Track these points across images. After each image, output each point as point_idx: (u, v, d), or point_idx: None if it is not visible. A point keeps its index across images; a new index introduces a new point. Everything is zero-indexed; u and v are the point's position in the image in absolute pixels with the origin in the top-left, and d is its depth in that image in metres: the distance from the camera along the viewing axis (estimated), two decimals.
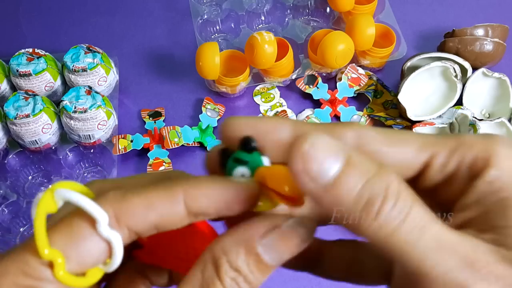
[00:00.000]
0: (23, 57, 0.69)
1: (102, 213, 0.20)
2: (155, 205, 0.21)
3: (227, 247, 0.21)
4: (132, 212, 0.20)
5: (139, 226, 0.21)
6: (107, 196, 0.21)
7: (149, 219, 0.21)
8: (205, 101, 0.73)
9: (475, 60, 0.71)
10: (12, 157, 0.68)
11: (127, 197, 0.21)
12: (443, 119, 0.69)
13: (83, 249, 0.20)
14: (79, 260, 0.20)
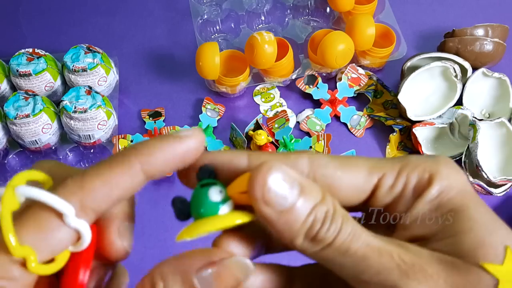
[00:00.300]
0: (23, 57, 0.69)
1: (68, 207, 0.20)
2: (116, 182, 0.21)
3: (165, 274, 0.21)
4: (95, 196, 0.21)
5: (104, 206, 0.21)
6: (66, 184, 0.21)
7: (113, 197, 0.21)
8: (205, 101, 0.73)
9: (475, 60, 0.71)
10: (12, 157, 0.68)
11: (87, 181, 0.21)
12: (443, 119, 0.69)
13: (52, 240, 0.20)
14: (49, 251, 0.20)
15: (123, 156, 0.22)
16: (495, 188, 0.63)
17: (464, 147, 0.66)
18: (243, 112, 0.74)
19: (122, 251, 0.23)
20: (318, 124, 0.71)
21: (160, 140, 0.22)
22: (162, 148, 0.22)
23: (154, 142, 0.22)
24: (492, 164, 0.66)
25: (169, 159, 0.22)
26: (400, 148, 0.70)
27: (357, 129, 0.71)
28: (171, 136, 0.22)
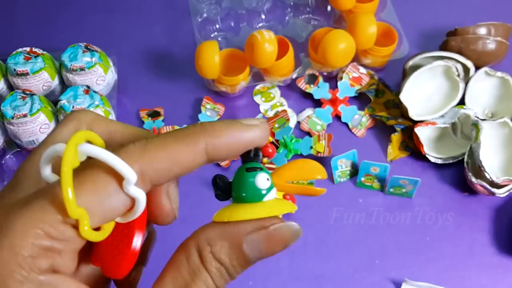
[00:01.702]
0: (20, 56, 0.68)
1: (133, 173, 0.19)
2: (178, 158, 0.21)
3: (212, 239, 0.21)
4: (156, 168, 0.20)
5: (161, 180, 0.21)
6: (128, 149, 0.20)
7: (172, 172, 0.21)
8: (204, 100, 0.72)
9: (477, 59, 0.70)
10: (10, 157, 0.67)
11: (149, 151, 0.20)
12: (445, 118, 0.68)
13: (107, 205, 0.20)
14: (101, 217, 0.20)
15: (191, 132, 0.21)
16: (498, 188, 0.63)
17: (467, 147, 0.65)
18: (243, 111, 0.73)
19: (171, 215, 0.23)
20: (319, 124, 0.71)
21: (229, 124, 0.22)
22: (231, 133, 0.22)
23: (223, 124, 0.22)
24: (495, 164, 0.66)
25: (234, 144, 0.22)
26: (402, 148, 0.69)
27: (358, 129, 0.71)
28: (240, 122, 0.22)
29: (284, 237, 0.22)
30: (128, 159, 0.20)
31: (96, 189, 0.19)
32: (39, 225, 0.18)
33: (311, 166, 0.24)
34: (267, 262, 0.62)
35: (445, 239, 0.63)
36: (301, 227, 0.25)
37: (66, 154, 0.19)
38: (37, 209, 0.19)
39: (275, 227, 0.22)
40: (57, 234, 0.19)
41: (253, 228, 0.22)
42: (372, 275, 0.61)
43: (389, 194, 0.66)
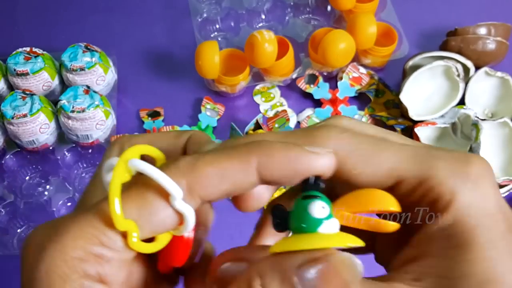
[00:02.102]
0: (20, 56, 0.68)
1: (178, 189, 0.19)
2: (228, 175, 0.20)
3: (263, 271, 0.19)
4: (205, 183, 0.20)
5: (211, 197, 0.20)
6: (178, 165, 0.20)
7: (222, 189, 0.20)
8: (204, 100, 0.72)
9: (477, 59, 0.70)
10: (9, 157, 0.67)
11: (199, 166, 0.20)
12: (445, 118, 0.68)
13: (156, 220, 0.20)
14: (151, 230, 0.20)
15: (244, 148, 0.20)
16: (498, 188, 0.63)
17: (467, 147, 0.65)
18: (243, 111, 0.73)
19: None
20: None
21: (288, 146, 0.21)
22: (287, 155, 0.20)
23: (281, 145, 0.20)
24: (495, 164, 0.66)
25: (289, 169, 0.20)
26: None
27: None
28: (300, 147, 0.21)
29: (340, 274, 0.19)
30: (177, 174, 0.20)
31: (143, 203, 0.20)
32: (91, 231, 0.19)
33: (381, 196, 0.21)
34: None
35: None
36: None
37: (116, 168, 0.20)
38: (90, 218, 0.19)
39: (328, 260, 0.19)
40: (108, 242, 0.19)
41: (304, 260, 0.19)
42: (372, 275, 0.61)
43: None
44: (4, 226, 0.63)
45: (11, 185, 0.66)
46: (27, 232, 0.64)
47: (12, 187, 0.66)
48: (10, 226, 0.63)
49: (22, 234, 0.63)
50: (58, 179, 0.66)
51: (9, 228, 0.63)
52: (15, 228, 0.63)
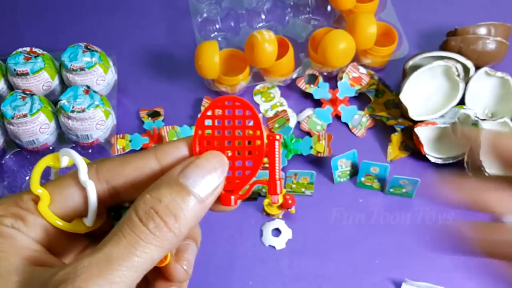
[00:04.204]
0: (20, 56, 0.68)
1: (83, 163, 0.25)
2: (129, 161, 0.26)
3: (152, 188, 0.24)
4: (108, 166, 0.26)
5: (115, 179, 0.25)
6: (95, 160, 0.26)
7: (123, 172, 0.25)
8: (204, 100, 0.72)
9: (477, 59, 0.70)
10: (10, 157, 0.67)
11: (107, 159, 0.26)
12: (445, 118, 0.68)
13: (64, 193, 0.25)
14: (62, 203, 0.25)
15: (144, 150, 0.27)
16: None
17: (467, 147, 0.65)
18: None
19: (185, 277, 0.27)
20: (319, 124, 0.71)
21: (175, 140, 0.27)
22: (175, 143, 0.26)
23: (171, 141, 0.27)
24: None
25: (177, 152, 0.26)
26: (402, 149, 0.69)
27: (358, 129, 0.71)
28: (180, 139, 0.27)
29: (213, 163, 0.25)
30: (91, 162, 0.26)
31: (59, 183, 0.26)
32: (13, 198, 0.25)
33: None
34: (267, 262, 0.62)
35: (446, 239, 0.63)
36: (301, 227, 0.27)
37: (46, 156, 0.27)
38: (17, 194, 0.26)
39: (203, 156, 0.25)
40: (23, 204, 0.25)
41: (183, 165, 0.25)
42: (372, 275, 0.61)
43: (389, 194, 0.66)
44: None
45: (11, 185, 0.66)
46: None
47: (12, 187, 0.66)
48: None
49: None
50: None
51: None
52: None
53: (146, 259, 0.22)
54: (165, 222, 0.22)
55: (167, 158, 0.25)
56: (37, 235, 0.25)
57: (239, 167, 0.26)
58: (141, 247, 0.22)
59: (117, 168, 0.25)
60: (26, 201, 0.25)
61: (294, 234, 0.63)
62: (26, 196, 0.25)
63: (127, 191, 0.26)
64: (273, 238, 0.63)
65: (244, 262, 0.61)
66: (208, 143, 0.26)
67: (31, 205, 0.25)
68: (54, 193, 0.25)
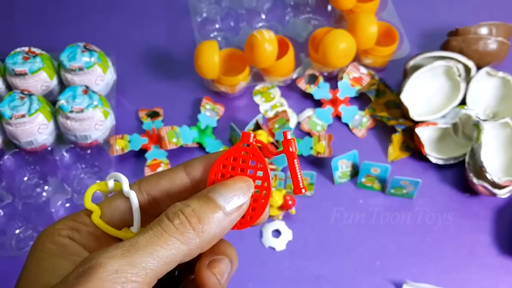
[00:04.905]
0: (18, 56, 0.67)
1: (125, 178, 0.29)
2: (164, 175, 0.29)
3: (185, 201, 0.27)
4: (147, 180, 0.29)
5: (153, 190, 0.29)
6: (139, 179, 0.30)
7: (160, 185, 0.29)
8: (204, 100, 0.72)
9: (479, 59, 0.70)
10: (8, 158, 0.67)
11: (149, 175, 0.30)
12: (446, 119, 0.68)
13: (112, 205, 0.29)
14: (111, 213, 0.29)
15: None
16: (500, 189, 0.62)
17: (468, 148, 0.65)
18: (243, 112, 0.72)
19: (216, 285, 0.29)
20: (319, 124, 0.70)
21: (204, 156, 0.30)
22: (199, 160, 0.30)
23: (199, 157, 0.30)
24: (496, 165, 0.65)
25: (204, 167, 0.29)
26: (403, 149, 0.69)
27: (358, 129, 0.70)
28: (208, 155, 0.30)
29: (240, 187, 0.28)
30: (134, 181, 0.30)
31: (108, 199, 0.30)
32: (70, 216, 0.29)
33: None
34: (267, 263, 0.62)
35: (446, 240, 0.63)
36: (301, 228, 0.28)
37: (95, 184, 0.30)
38: (74, 213, 0.29)
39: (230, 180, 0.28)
40: (78, 218, 0.28)
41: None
42: (373, 276, 0.61)
43: (389, 195, 0.65)
44: (2, 227, 0.63)
45: (10, 186, 0.65)
46: (26, 233, 0.63)
47: (11, 188, 0.65)
48: (8, 227, 0.63)
49: (21, 235, 0.63)
50: (56, 179, 0.66)
51: (7, 229, 0.63)
52: (13, 229, 0.63)
53: (167, 250, 0.24)
54: (189, 221, 0.25)
55: (194, 171, 0.29)
56: (89, 243, 0.28)
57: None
58: (164, 238, 0.24)
59: (154, 180, 0.29)
60: (81, 216, 0.28)
61: (294, 235, 0.63)
62: (82, 212, 0.29)
63: (164, 201, 0.29)
64: (273, 239, 0.62)
65: (244, 263, 0.61)
66: (222, 175, 0.29)
67: (85, 219, 0.28)
68: (104, 206, 0.29)
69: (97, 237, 0.28)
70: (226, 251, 0.29)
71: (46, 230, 0.28)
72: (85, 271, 0.22)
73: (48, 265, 0.26)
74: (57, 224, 0.28)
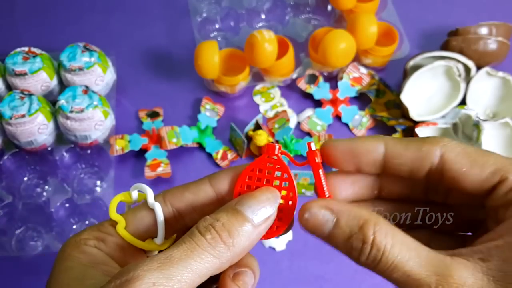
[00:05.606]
0: (18, 56, 0.67)
1: (150, 189, 0.29)
2: (188, 187, 0.30)
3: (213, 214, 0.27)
4: (172, 192, 0.30)
5: (178, 203, 0.29)
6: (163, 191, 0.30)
7: (185, 198, 0.29)
8: (204, 100, 0.72)
9: (479, 59, 0.70)
10: (8, 158, 0.67)
11: (174, 187, 0.30)
12: (446, 119, 0.68)
13: (137, 216, 0.29)
14: (135, 225, 0.29)
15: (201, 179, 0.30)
16: None
17: None
18: (243, 112, 0.72)
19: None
20: (319, 124, 0.70)
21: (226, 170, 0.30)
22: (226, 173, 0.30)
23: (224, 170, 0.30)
24: None
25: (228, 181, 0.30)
26: None
27: (359, 130, 0.70)
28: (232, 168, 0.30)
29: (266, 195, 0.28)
30: (159, 193, 0.30)
31: (133, 210, 0.30)
32: (95, 226, 0.29)
33: None
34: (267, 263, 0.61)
35: None
36: (302, 228, 0.28)
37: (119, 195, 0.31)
38: (99, 223, 0.30)
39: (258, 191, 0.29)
40: (103, 228, 0.29)
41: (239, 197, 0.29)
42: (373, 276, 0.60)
43: None
44: (2, 228, 0.63)
45: (9, 186, 0.65)
46: (25, 234, 0.63)
47: (10, 188, 0.65)
48: (8, 227, 0.63)
49: (20, 235, 0.63)
50: (56, 180, 0.65)
51: (7, 229, 0.63)
52: (13, 229, 0.63)
53: (201, 264, 0.25)
54: (220, 235, 0.25)
55: (220, 183, 0.30)
56: (114, 253, 0.29)
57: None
58: (197, 252, 0.25)
59: (179, 192, 0.30)
60: (106, 226, 0.29)
61: (294, 235, 0.63)
62: (106, 223, 0.29)
63: (189, 214, 0.30)
64: (273, 239, 0.62)
65: None
66: (248, 187, 0.29)
67: (110, 229, 0.29)
68: (128, 217, 0.29)
69: (122, 247, 0.29)
70: (249, 263, 0.30)
71: (71, 240, 0.28)
72: (123, 283, 0.23)
73: (78, 273, 0.26)
74: (82, 234, 0.29)
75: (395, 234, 0.25)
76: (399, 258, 0.25)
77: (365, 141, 0.28)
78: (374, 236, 0.25)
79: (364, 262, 0.26)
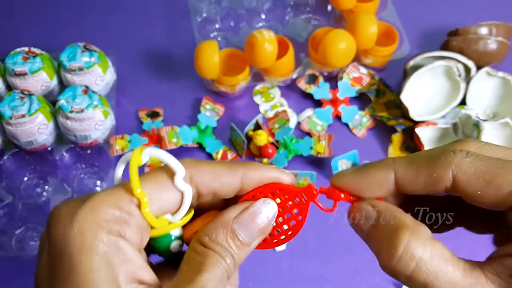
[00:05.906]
0: (18, 56, 0.67)
1: (181, 168, 0.26)
2: (219, 175, 0.27)
3: (209, 231, 0.26)
4: (202, 175, 0.27)
5: (204, 189, 0.27)
6: (184, 160, 0.27)
7: (213, 185, 0.27)
8: (204, 100, 0.72)
9: (479, 59, 0.70)
10: (8, 158, 0.67)
11: (199, 164, 0.27)
12: (446, 119, 0.68)
13: (163, 195, 0.26)
14: (158, 204, 0.26)
15: (233, 162, 0.28)
16: None
17: None
18: (243, 112, 0.72)
19: None
20: (319, 124, 0.70)
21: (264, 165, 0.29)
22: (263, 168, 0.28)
23: (259, 164, 0.29)
24: None
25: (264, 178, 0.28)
26: (403, 149, 0.69)
27: (359, 130, 0.70)
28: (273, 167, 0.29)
29: (265, 214, 0.28)
30: (183, 163, 0.26)
31: (155, 182, 0.26)
32: (114, 199, 0.24)
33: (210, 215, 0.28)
34: (267, 263, 0.61)
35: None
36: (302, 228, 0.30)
37: (133, 154, 0.26)
38: (114, 188, 0.25)
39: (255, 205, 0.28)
40: (126, 207, 0.24)
41: (238, 211, 0.27)
42: (373, 276, 0.61)
43: None
44: (2, 227, 0.63)
45: (9, 186, 0.65)
46: (25, 234, 0.63)
47: (10, 188, 0.65)
48: (8, 227, 0.63)
49: (20, 235, 0.63)
50: (56, 180, 0.65)
51: (7, 229, 0.63)
52: (13, 229, 0.63)
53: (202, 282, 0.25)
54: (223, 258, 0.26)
55: (251, 182, 0.28)
56: (135, 238, 0.25)
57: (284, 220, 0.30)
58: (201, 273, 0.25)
59: (209, 179, 0.27)
60: (126, 203, 0.25)
61: None
62: (124, 197, 0.25)
63: (208, 196, 0.28)
64: None
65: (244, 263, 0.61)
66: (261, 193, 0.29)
67: (131, 208, 0.25)
68: (152, 194, 0.25)
69: (142, 229, 0.26)
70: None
71: (89, 219, 0.23)
72: None
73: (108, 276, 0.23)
74: (101, 211, 0.24)
75: (434, 244, 0.25)
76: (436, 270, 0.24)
77: (374, 173, 0.28)
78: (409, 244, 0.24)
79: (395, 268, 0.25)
